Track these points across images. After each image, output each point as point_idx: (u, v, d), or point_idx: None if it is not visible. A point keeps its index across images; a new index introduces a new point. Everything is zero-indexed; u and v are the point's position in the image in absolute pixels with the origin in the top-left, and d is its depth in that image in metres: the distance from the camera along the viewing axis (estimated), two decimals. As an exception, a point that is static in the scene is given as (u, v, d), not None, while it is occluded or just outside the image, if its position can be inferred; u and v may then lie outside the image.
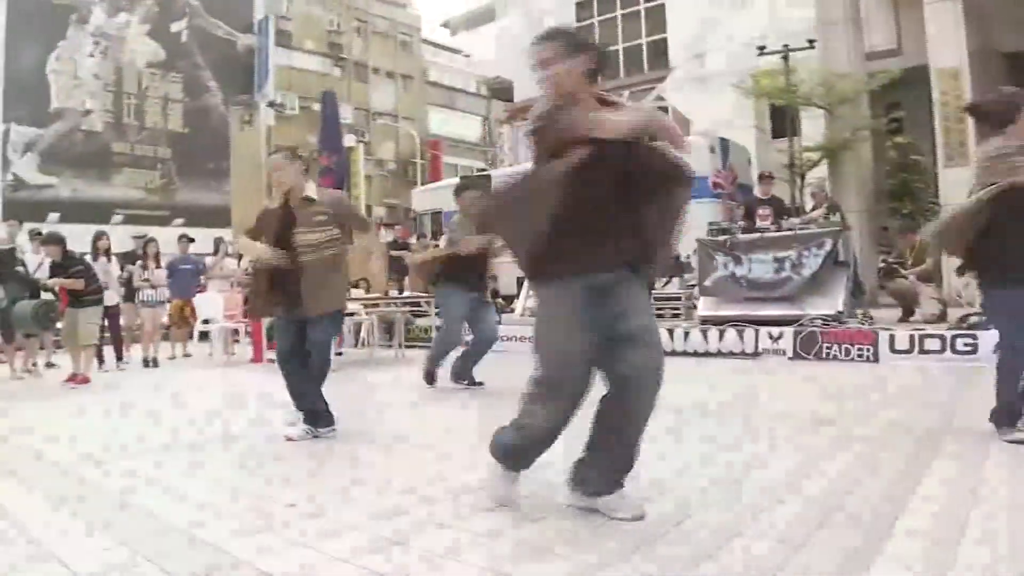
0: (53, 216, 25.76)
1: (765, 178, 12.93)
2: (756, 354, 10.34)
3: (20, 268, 10.58)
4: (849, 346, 9.78)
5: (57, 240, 10.00)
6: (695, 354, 10.68)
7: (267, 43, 36.84)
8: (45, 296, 10.13)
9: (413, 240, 17.36)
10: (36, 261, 11.07)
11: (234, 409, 7.04)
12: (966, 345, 9.05)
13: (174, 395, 8.64)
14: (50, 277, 9.95)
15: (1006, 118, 4.63)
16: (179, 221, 30.56)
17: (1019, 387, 4.69)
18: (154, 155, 33.88)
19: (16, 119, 29.99)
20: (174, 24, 35.15)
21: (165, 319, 13.66)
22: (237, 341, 13.44)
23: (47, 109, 30.90)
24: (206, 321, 13.50)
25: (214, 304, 13.34)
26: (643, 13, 31.67)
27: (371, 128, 42.75)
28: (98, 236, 12.17)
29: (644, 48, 31.24)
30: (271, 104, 36.56)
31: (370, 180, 40.08)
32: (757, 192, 13.23)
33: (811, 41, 19.50)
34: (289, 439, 5.36)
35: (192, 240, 14.39)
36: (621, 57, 31.08)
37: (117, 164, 32.65)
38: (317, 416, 5.49)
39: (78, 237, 12.15)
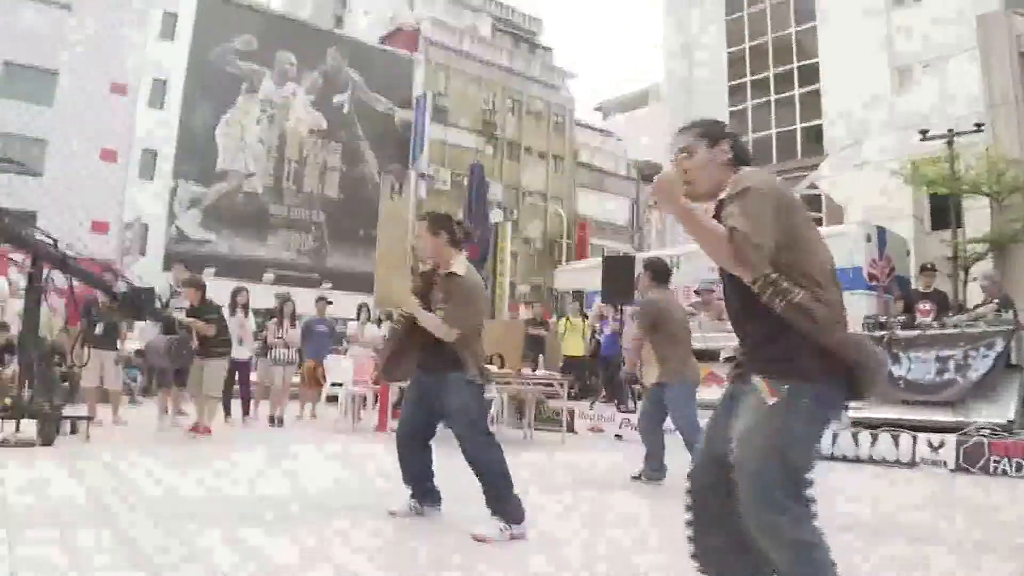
0: (209, 270, 26.80)
1: (927, 270, 12.07)
2: (913, 464, 9.44)
3: (158, 304, 10.75)
4: (1022, 461, 8.81)
5: (198, 284, 10.23)
6: (844, 459, 9.85)
7: (423, 118, 38.03)
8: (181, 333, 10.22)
9: (552, 319, 17.02)
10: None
11: (344, 479, 6.77)
12: None
13: (288, 456, 8.55)
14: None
15: None
16: (327, 284, 31.39)
17: None
18: (308, 219, 35.28)
19: (184, 176, 31.82)
20: (337, 96, 36.79)
21: (296, 379, 13.71)
22: (364, 407, 13.33)
23: (213, 169, 32.70)
24: (336, 384, 13.44)
25: (345, 368, 13.30)
26: (798, 97, 31.06)
27: (520, 206, 43.15)
28: (237, 291, 12.32)
29: (798, 133, 30.56)
30: (422, 175, 37.45)
31: (516, 257, 40.26)
32: (918, 285, 12.36)
33: (979, 125, 18.47)
34: (392, 513, 5.11)
35: (330, 303, 14.56)
36: (775, 143, 30.53)
37: (273, 225, 34.11)
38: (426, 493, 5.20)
39: (228, 291, 12.42)
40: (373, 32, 43.41)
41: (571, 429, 13.00)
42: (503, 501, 4.70)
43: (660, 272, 7.60)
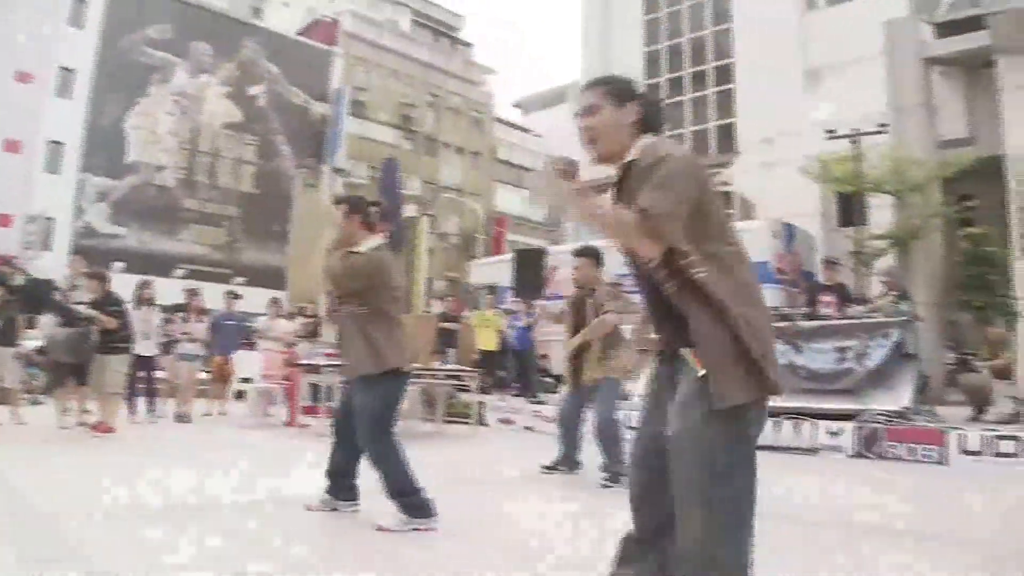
0: (118, 265, 26.02)
1: (830, 264, 12.40)
2: (813, 450, 9.71)
3: (56, 296, 10.44)
4: (915, 446, 9.13)
5: (100, 276, 9.88)
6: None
7: (341, 112, 37.63)
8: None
9: (466, 313, 17.03)
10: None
11: (251, 475, 6.69)
12: (1048, 448, 8.38)
13: (194, 453, 8.35)
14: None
15: None
16: (240, 280, 30.79)
17: None
18: (222, 213, 34.51)
19: (93, 169, 30.91)
20: (253, 88, 36.13)
21: (204, 375, 13.47)
22: (273, 403, 13.17)
23: (123, 162, 31.77)
24: (245, 380, 13.27)
25: (254, 363, 13.12)
26: (712, 97, 31.58)
27: (438, 201, 43.04)
28: (143, 285, 12.00)
29: (712, 132, 31.07)
30: (336, 170, 37.05)
31: (432, 253, 40.13)
32: (821, 278, 12.70)
33: (882, 126, 19.05)
34: (309, 508, 5.04)
35: (239, 297, 14.31)
36: (689, 141, 31.03)
37: (185, 220, 33.39)
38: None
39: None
40: (291, 24, 42.83)
41: (482, 422, 13.02)
42: (406, 495, 4.67)
43: (599, 257, 7.29)
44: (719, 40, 32.88)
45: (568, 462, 7.43)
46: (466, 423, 12.50)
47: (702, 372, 2.51)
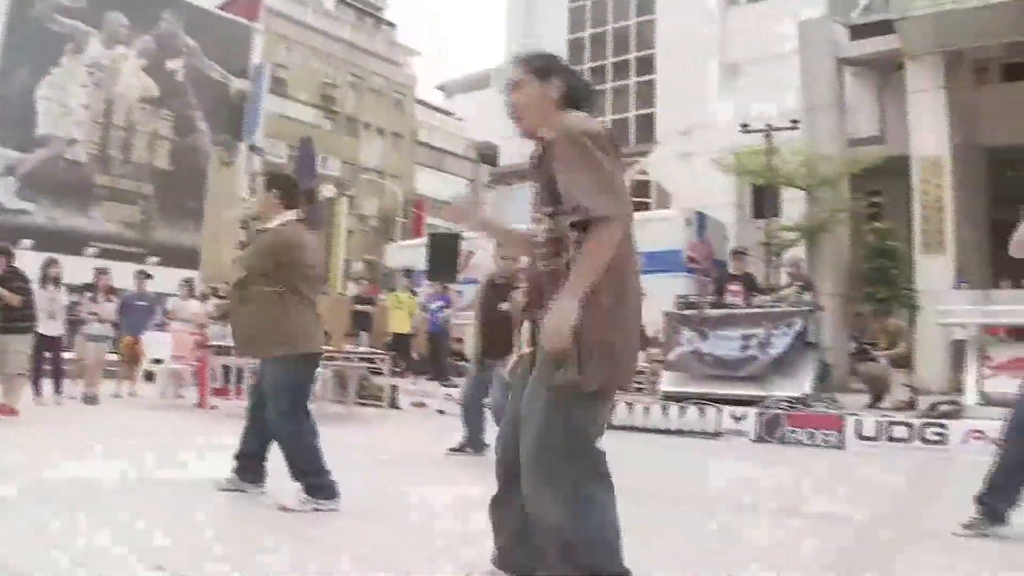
0: (26, 243, 25.14)
1: (738, 254, 12.69)
2: (717, 434, 9.97)
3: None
4: (814, 431, 9.45)
5: (4, 252, 9.43)
6: (655, 431, 10.29)
7: (261, 89, 36.86)
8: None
9: (382, 296, 16.99)
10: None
11: (158, 456, 6.61)
12: (936, 435, 8.74)
13: (100, 435, 8.16)
14: None
15: None
16: (154, 259, 30.05)
17: None
18: (136, 191, 33.51)
19: (0, 141, 29.73)
20: (170, 62, 35.10)
21: (112, 355, 13.19)
22: (184, 385, 12.97)
23: (32, 135, 30.63)
24: (156, 361, 13.05)
25: (164, 344, 12.90)
26: (633, 87, 31.90)
27: (357, 183, 42.66)
28: (49, 263, 11.56)
29: (632, 121, 31.40)
30: (253, 148, 36.36)
31: (351, 234, 39.80)
32: (730, 268, 12.99)
33: (795, 122, 19.52)
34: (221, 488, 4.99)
35: (150, 276, 14.03)
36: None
37: (97, 196, 32.25)
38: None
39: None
40: (212, -3, 41.93)
41: (394, 405, 13.02)
42: (309, 475, 4.64)
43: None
44: (642, 31, 33.20)
45: (474, 443, 7.52)
46: (378, 406, 12.48)
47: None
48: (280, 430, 4.73)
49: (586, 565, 2.54)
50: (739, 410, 10.00)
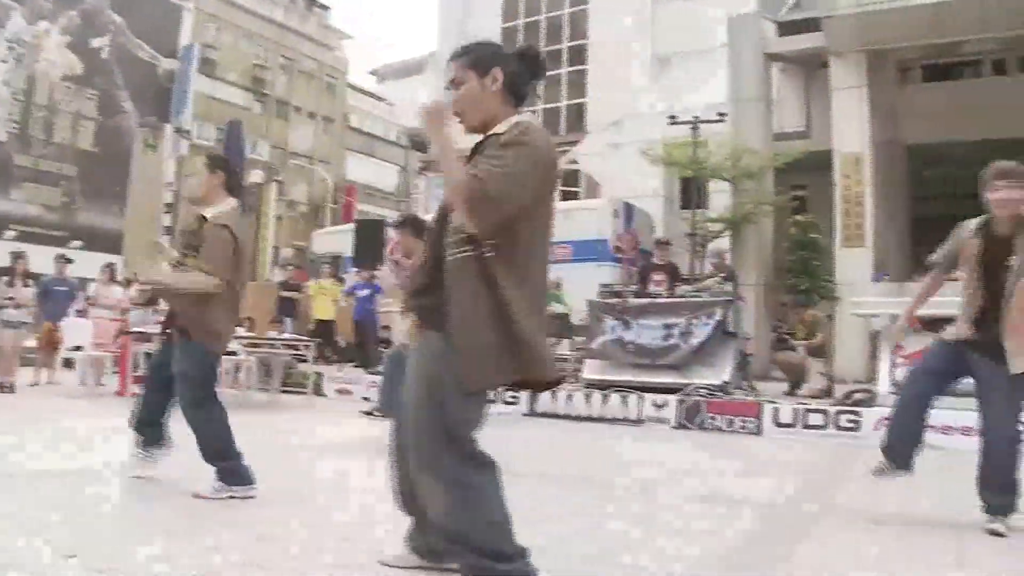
0: (-61, 227, 24.39)
1: (661, 244, 12.86)
2: (639, 421, 10.10)
3: None
4: (733, 418, 9.64)
5: None
6: (577, 418, 10.38)
7: (189, 70, 36.06)
8: None
9: (325, 282, 16.81)
10: None
11: (72, 443, 6.49)
12: (850, 422, 8.99)
13: (10, 424, 7.97)
14: None
15: None
16: (76, 243, 29.29)
17: None
18: (59, 172, 32.54)
19: (-88, 117, 28.68)
20: (95, 40, 34.09)
21: (31, 342, 12.85)
22: (105, 372, 12.70)
23: (-52, 111, 29.61)
24: (76, 348, 12.75)
25: (85, 330, 12.61)
26: (565, 77, 32.03)
27: (286, 168, 42.15)
28: (-39, 247, 11.31)
29: (563, 111, 31.53)
30: (179, 130, 35.60)
31: (280, 220, 39.37)
32: (654, 258, 13.15)
33: (722, 114, 19.80)
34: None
35: (70, 261, 13.67)
36: (541, 118, 31.39)
37: (17, 178, 31.25)
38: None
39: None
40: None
41: (319, 392, 12.92)
42: (222, 459, 4.60)
43: (420, 227, 7.00)
44: (575, 21, 33.33)
45: (386, 408, 7.47)
46: (303, 393, 12.39)
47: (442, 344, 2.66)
48: (193, 417, 4.66)
49: (478, 548, 2.60)
50: (660, 397, 10.14)
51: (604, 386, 10.73)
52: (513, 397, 10.62)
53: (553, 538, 3.63)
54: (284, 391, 12.40)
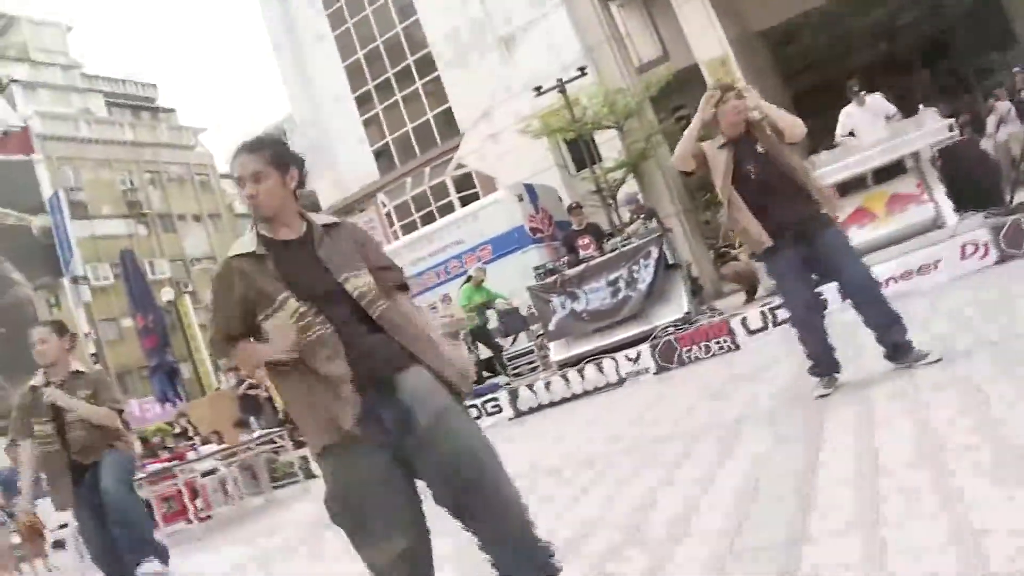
0: None
1: (574, 209, 12.85)
2: (621, 382, 10.10)
3: None
4: (707, 343, 9.68)
5: None
6: (563, 401, 10.35)
7: (63, 219, 35.32)
8: None
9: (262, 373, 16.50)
10: None
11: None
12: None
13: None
14: None
15: None
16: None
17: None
18: (-28, 362, 31.62)
19: None
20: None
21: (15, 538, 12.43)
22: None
23: None
24: (63, 526, 12.26)
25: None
26: (422, 90, 31.92)
27: (192, 276, 41.48)
28: None
29: (433, 123, 31.43)
30: (75, 280, 34.84)
31: (205, 327, 38.62)
32: (573, 225, 13.16)
33: (582, 69, 19.89)
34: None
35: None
36: (413, 137, 31.35)
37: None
38: None
39: None
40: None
41: (309, 475, 12.66)
42: (151, 541, 5.54)
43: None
44: (411, 34, 33.20)
45: None
46: (295, 482, 12.17)
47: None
48: (130, 503, 5.42)
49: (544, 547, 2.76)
50: (632, 351, 10.15)
51: (575, 362, 10.72)
52: (495, 406, 10.59)
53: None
54: (276, 487, 12.19)
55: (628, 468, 4.93)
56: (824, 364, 5.00)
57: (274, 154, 2.85)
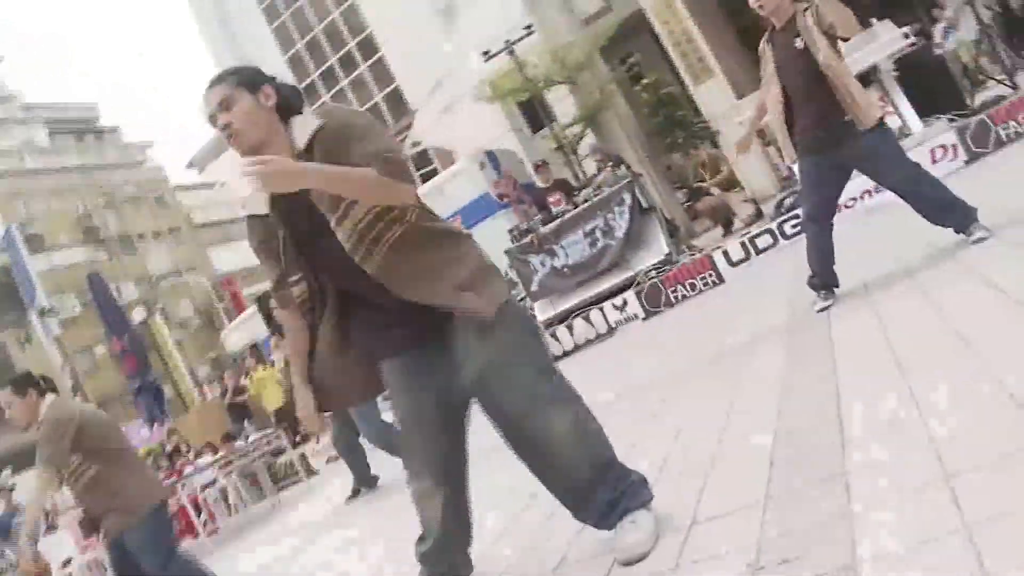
0: None
1: (540, 167, 12.72)
2: (611, 331, 9.97)
3: None
4: (692, 281, 9.56)
5: None
6: (557, 360, 10.19)
7: (20, 255, 34.69)
8: None
9: (257, 372, 16.24)
10: None
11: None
12: (793, 227, 8.99)
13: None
14: None
15: None
16: (6, 471, 28.03)
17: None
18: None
19: None
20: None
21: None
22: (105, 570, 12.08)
23: None
24: (68, 562, 12.07)
25: (62, 543, 12.02)
26: (367, 72, 31.61)
27: (160, 294, 41.00)
28: None
29: (382, 104, 31.15)
30: (42, 313, 34.30)
31: (182, 344, 38.29)
32: (539, 183, 13.00)
33: (527, 27, 19.68)
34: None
35: (12, 489, 13.16)
36: (365, 122, 30.99)
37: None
38: None
39: None
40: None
41: (311, 472, 12.47)
42: None
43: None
44: (349, 18, 32.82)
45: (365, 481, 7.40)
46: (298, 482, 11.98)
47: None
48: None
49: (614, 460, 2.73)
50: (618, 299, 10.02)
51: (563, 318, 10.58)
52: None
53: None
54: (281, 488, 12.01)
55: (655, 400, 4.81)
56: (821, 276, 4.93)
57: (239, 77, 2.63)
